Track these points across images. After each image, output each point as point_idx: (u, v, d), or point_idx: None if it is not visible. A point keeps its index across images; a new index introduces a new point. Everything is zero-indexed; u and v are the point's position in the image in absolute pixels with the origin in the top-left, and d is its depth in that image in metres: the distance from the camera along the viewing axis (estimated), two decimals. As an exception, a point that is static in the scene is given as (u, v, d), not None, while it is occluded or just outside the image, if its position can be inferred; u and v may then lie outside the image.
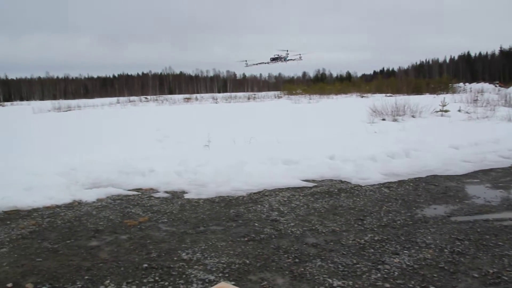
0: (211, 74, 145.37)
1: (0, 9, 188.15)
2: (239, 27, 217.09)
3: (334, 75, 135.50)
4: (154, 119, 18.06)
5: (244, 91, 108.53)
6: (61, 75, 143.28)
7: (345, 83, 60.73)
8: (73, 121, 20.05)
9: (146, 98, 46.80)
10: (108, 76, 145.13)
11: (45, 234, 4.99)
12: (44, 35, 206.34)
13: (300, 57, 38.71)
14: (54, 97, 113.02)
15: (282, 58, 39.66)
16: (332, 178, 7.24)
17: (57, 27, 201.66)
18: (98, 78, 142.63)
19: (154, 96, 51.61)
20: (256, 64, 39.18)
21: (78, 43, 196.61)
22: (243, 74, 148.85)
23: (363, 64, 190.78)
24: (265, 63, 39.12)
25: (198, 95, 55.73)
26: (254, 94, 52.05)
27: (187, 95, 51.41)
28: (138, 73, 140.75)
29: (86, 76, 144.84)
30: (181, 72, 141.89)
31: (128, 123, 16.71)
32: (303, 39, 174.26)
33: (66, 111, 30.95)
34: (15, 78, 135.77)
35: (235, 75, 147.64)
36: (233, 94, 55.94)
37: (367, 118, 16.04)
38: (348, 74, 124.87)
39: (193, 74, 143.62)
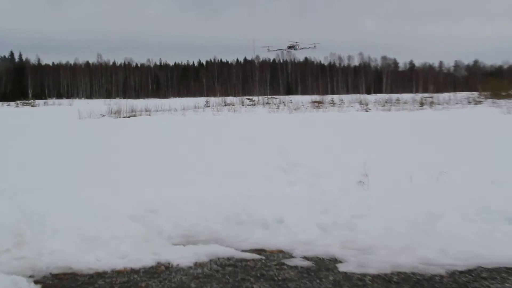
0: (355, 62, 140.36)
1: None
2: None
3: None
4: (270, 135, 17.71)
5: (410, 91, 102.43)
6: (119, 61, 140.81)
7: None
8: (142, 133, 20.02)
9: (251, 100, 47.37)
10: (190, 63, 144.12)
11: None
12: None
13: (314, 46, 55.15)
14: (109, 94, 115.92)
15: (294, 46, 56.98)
16: None
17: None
18: (177, 66, 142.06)
19: (264, 97, 51.60)
20: (276, 50, 57.21)
21: (146, 14, 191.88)
22: (410, 63, 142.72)
23: None
24: (283, 50, 56.98)
25: (335, 96, 54.83)
26: (430, 96, 48.34)
27: (317, 97, 50.54)
28: (237, 59, 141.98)
29: (158, 63, 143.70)
30: (306, 59, 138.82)
31: (231, 140, 16.44)
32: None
33: (128, 117, 30.89)
34: (51, 64, 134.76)
35: (396, 64, 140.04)
36: (395, 95, 53.20)
37: None
38: None
39: (325, 63, 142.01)
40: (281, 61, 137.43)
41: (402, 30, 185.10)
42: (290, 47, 58.69)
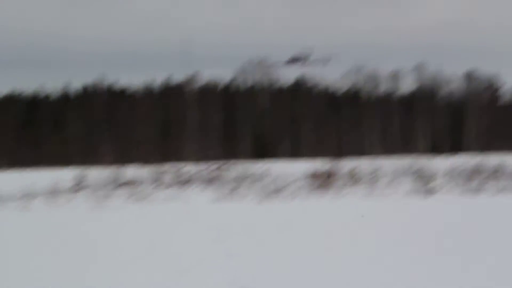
0: (407, 86, 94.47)
1: None
2: None
3: None
4: (216, 270, 11.49)
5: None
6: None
7: None
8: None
9: (178, 172, 31.91)
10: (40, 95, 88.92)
11: None
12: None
13: (327, 61, 38.95)
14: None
15: (301, 59, 40.69)
16: None
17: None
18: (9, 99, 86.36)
19: (207, 165, 35.63)
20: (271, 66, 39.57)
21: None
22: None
23: None
24: (281, 65, 39.72)
25: (364, 160, 38.85)
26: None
27: (323, 163, 33.09)
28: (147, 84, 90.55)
29: None
30: (299, 82, 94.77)
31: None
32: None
33: None
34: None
35: (493, 89, 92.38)
36: (493, 158, 36.97)
37: None
38: None
39: (342, 89, 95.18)
40: (246, 86, 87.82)
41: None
42: (293, 60, 38.25)
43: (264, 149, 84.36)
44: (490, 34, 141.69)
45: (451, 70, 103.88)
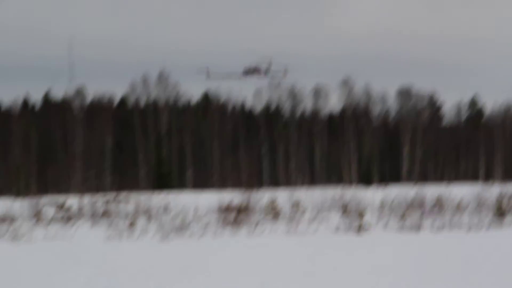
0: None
1: None
2: None
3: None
4: None
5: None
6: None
7: None
8: None
9: (61, 207, 31.57)
10: None
11: None
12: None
13: (283, 73, 42.18)
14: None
15: (262, 70, 42.33)
16: None
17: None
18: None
19: (99, 196, 35.83)
20: (224, 77, 43.14)
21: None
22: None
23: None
24: (235, 76, 42.65)
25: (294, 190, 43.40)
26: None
27: (240, 193, 33.74)
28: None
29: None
30: (208, 97, 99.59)
31: None
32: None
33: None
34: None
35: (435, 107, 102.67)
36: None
37: None
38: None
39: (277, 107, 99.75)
40: (142, 103, 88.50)
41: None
42: (249, 71, 40.01)
43: (165, 178, 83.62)
44: (429, 45, 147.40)
45: (384, 86, 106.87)
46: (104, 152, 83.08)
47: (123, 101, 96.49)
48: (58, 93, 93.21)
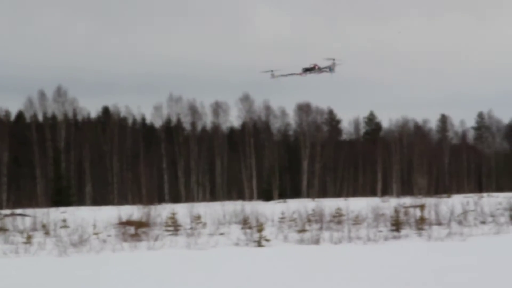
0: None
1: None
2: None
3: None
4: None
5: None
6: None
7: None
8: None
9: None
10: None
11: None
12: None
13: (331, 67, 43.10)
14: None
15: (318, 68, 44.11)
16: None
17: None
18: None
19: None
20: (286, 75, 44.45)
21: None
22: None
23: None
24: (297, 74, 44.11)
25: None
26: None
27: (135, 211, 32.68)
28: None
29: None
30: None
31: None
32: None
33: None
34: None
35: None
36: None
37: None
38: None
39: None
40: (39, 118, 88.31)
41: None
42: (309, 69, 42.92)
43: (63, 194, 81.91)
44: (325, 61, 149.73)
45: (282, 102, 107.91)
46: (0, 167, 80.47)
47: (20, 116, 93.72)
48: None
